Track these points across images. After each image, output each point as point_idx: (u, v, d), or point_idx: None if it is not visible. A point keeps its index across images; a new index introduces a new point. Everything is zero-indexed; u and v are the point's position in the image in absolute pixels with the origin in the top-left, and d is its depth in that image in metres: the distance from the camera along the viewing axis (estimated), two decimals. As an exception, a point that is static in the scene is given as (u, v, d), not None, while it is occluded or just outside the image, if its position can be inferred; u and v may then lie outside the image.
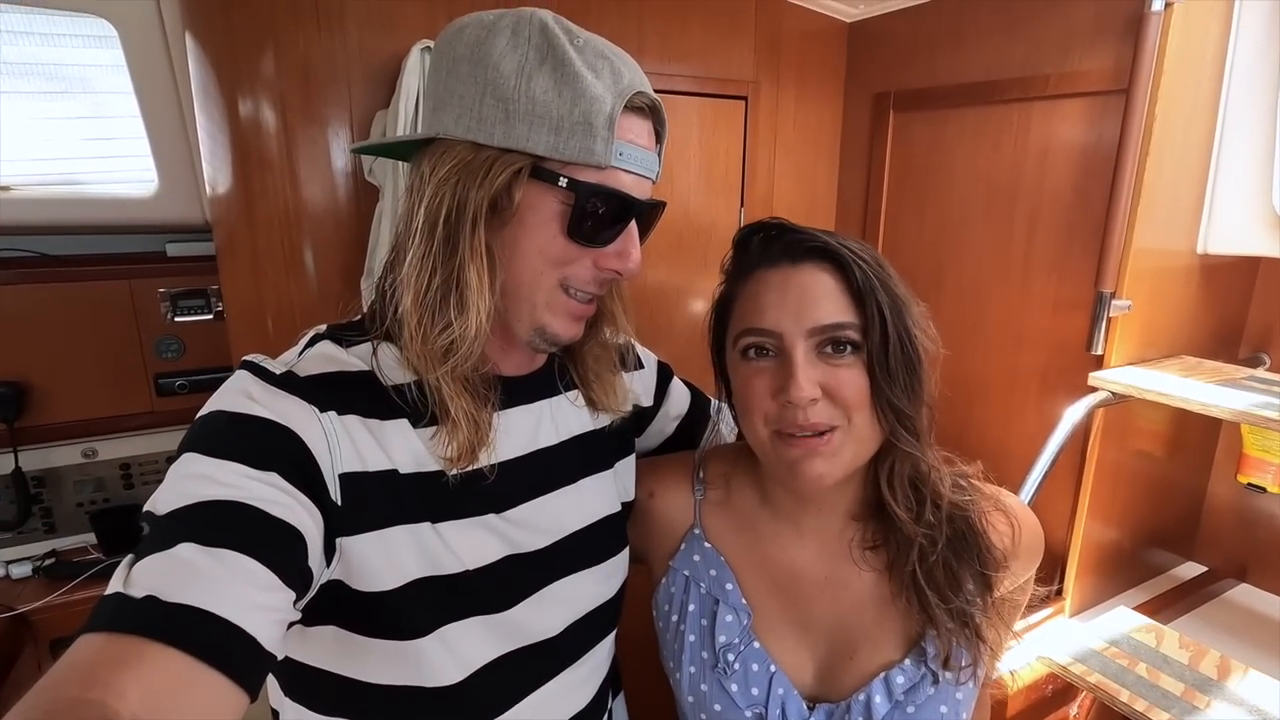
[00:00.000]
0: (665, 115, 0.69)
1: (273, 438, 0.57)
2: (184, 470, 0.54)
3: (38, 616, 1.58)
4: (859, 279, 0.65)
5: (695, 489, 0.84)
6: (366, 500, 0.61)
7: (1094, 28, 1.27)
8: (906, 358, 0.67)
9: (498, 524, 0.69)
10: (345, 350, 0.67)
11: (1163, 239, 1.30)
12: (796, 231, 0.69)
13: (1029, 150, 1.40)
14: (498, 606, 0.69)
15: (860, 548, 0.75)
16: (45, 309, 1.64)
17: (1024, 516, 0.79)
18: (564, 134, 0.61)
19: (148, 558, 0.49)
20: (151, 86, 1.44)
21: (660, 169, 0.70)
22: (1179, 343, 1.43)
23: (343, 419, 0.61)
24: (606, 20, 1.37)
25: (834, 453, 0.67)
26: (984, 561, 0.72)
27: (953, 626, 0.70)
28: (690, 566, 0.80)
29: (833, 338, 0.66)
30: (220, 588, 0.48)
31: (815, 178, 1.75)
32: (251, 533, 0.52)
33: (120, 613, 0.46)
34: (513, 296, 0.67)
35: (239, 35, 1.16)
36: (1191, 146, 1.28)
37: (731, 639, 0.75)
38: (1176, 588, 1.53)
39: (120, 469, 1.81)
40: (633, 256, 0.67)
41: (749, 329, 0.69)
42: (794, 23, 1.59)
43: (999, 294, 1.48)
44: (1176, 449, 1.54)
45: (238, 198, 1.25)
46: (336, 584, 0.61)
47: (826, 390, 0.66)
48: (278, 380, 0.60)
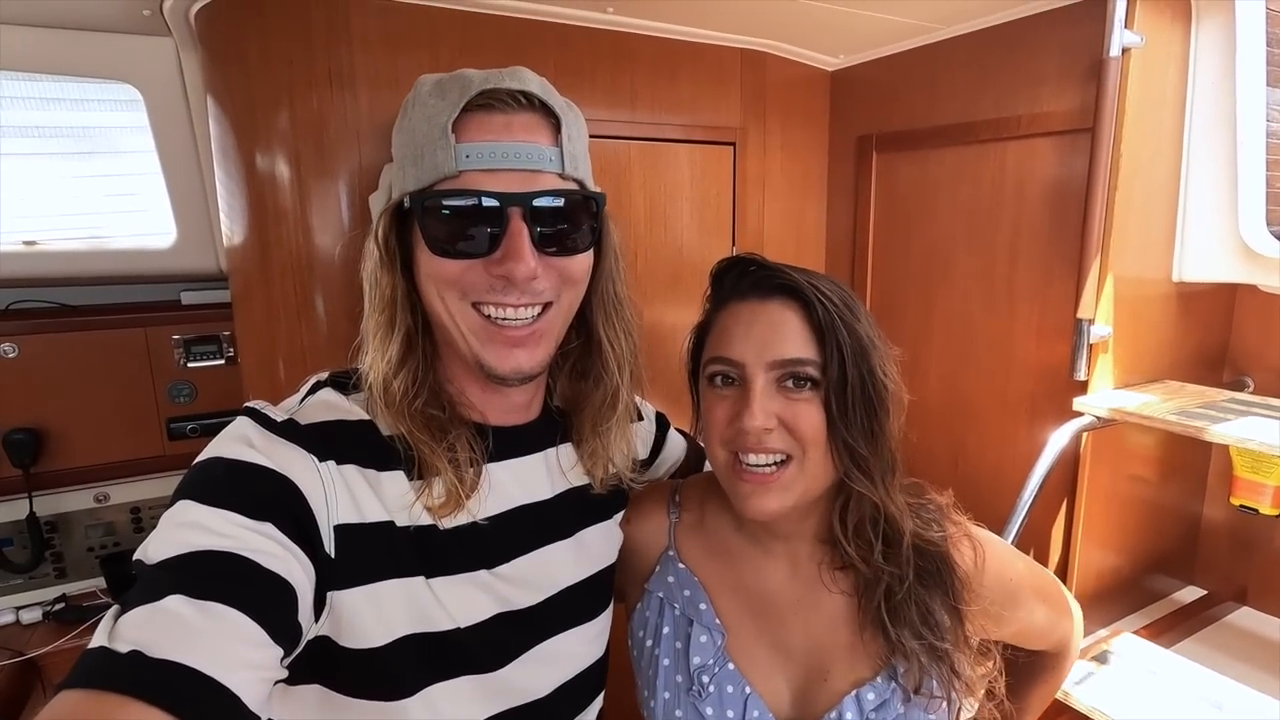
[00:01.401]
0: (552, 100, 0.64)
1: (270, 487, 0.56)
2: (178, 518, 0.52)
3: (47, 661, 1.60)
4: (821, 317, 0.67)
5: (670, 512, 0.85)
6: (360, 552, 0.60)
7: (1059, 72, 1.35)
8: (866, 398, 0.68)
9: (489, 580, 0.69)
10: (347, 398, 0.67)
11: (1138, 267, 1.35)
12: (768, 268, 0.72)
13: (1006, 186, 1.46)
14: (489, 666, 0.68)
15: (830, 569, 0.76)
16: (63, 357, 1.69)
17: (990, 541, 0.79)
18: (422, 162, 0.62)
19: (136, 609, 0.47)
20: (172, 145, 1.52)
21: (563, 156, 0.64)
22: (1162, 368, 1.47)
23: (341, 469, 0.60)
24: (600, 75, 1.46)
25: (784, 487, 0.69)
26: (956, 596, 0.72)
27: (925, 661, 0.70)
28: (664, 588, 0.81)
29: (792, 372, 0.68)
30: (207, 643, 0.47)
31: (804, 217, 1.82)
32: (243, 586, 0.50)
33: (103, 668, 0.45)
34: (442, 332, 0.68)
35: (258, 96, 1.24)
36: (1159, 179, 1.34)
37: (706, 660, 0.75)
38: (1176, 611, 1.53)
39: (131, 513, 1.83)
40: (515, 256, 0.61)
41: (716, 357, 0.72)
42: (778, 73, 1.68)
43: (986, 323, 1.53)
44: (1169, 472, 1.56)
45: (253, 247, 1.31)
46: (323, 640, 0.59)
47: (783, 421, 0.68)
48: (278, 428, 0.60)
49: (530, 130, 0.63)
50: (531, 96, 0.63)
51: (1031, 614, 0.83)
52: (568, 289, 0.68)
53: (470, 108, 0.62)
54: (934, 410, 1.63)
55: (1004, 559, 0.81)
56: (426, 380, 0.67)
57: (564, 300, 0.69)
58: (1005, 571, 0.80)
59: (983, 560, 0.76)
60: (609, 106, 1.47)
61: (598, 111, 1.46)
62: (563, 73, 1.43)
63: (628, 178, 1.49)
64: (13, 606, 1.71)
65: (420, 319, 0.68)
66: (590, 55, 1.44)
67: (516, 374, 0.66)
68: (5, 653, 1.58)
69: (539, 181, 0.63)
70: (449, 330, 0.66)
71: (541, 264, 0.64)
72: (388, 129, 1.33)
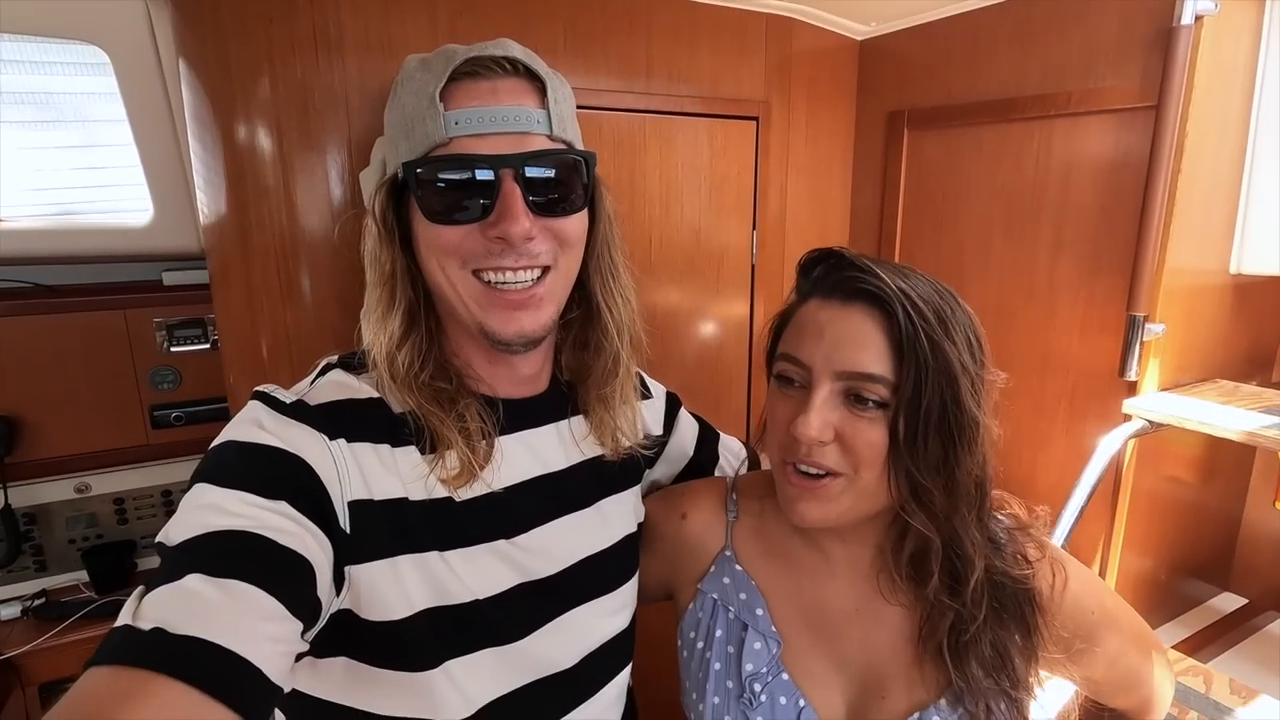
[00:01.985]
0: (536, 65, 0.65)
1: (282, 466, 0.57)
2: (195, 501, 0.55)
3: (26, 660, 1.53)
4: (904, 330, 0.60)
5: (729, 511, 0.82)
6: (374, 529, 0.61)
7: (1118, 43, 1.23)
8: (943, 429, 0.61)
9: (508, 550, 0.69)
10: (357, 377, 0.68)
11: (1195, 259, 1.25)
12: (855, 268, 0.65)
13: (1052, 168, 1.35)
14: (510, 637, 0.68)
15: (891, 579, 0.72)
16: (39, 340, 1.60)
17: (1069, 562, 0.73)
18: (413, 134, 0.64)
19: (157, 589, 0.50)
20: (145, 114, 1.40)
21: (550, 118, 0.65)
22: (1212, 366, 1.37)
23: (352, 446, 0.62)
24: (613, 42, 1.34)
25: (830, 499, 0.65)
26: (1036, 635, 0.67)
27: (992, 703, 0.65)
28: (719, 589, 0.78)
29: (858, 388, 0.62)
30: (227, 619, 0.49)
31: (829, 198, 1.70)
32: (260, 563, 0.52)
33: (127, 645, 0.46)
34: (444, 302, 0.68)
35: (235, 62, 1.12)
36: (1224, 163, 1.23)
37: (759, 668, 0.72)
38: (1216, 623, 1.46)
39: (114, 504, 1.75)
40: (509, 216, 0.62)
41: (785, 354, 0.68)
42: (805, 41, 1.55)
43: (1023, 316, 1.43)
44: (1210, 475, 1.48)
45: (232, 226, 1.20)
46: (347, 613, 0.61)
47: (840, 436, 0.63)
48: (288, 409, 0.61)
49: (516, 94, 0.64)
50: (516, 62, 0.64)
51: (1113, 656, 0.75)
52: (565, 252, 0.69)
53: (456, 76, 0.63)
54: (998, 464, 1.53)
55: (1085, 584, 0.74)
56: (431, 354, 0.68)
57: (562, 264, 0.69)
58: (1084, 600, 0.73)
59: (1063, 585, 0.70)
60: (623, 76, 1.35)
61: (610, 82, 1.34)
62: (573, 39, 1.31)
63: (642, 155, 1.38)
64: (-10, 602, 1.64)
65: (422, 293, 0.69)
66: (602, 20, 1.32)
67: (520, 338, 0.66)
68: (-19, 652, 1.50)
69: (529, 143, 0.64)
70: (451, 301, 0.67)
71: (537, 226, 0.64)
72: (380, 99, 1.22)
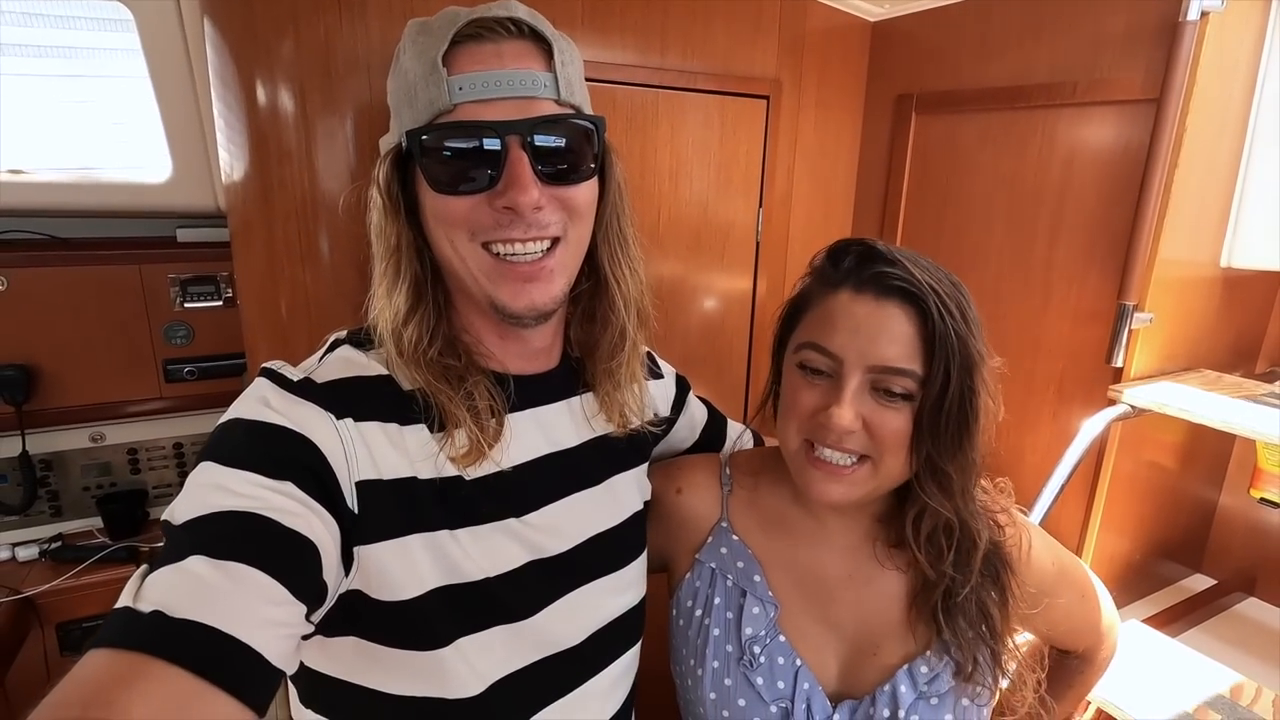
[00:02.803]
0: (542, 26, 0.62)
1: (288, 446, 0.56)
2: (200, 479, 0.54)
3: (44, 600, 1.58)
4: (938, 330, 0.64)
5: (723, 484, 0.85)
6: (383, 508, 0.60)
7: (1125, 36, 1.25)
8: (961, 414, 0.66)
9: (518, 528, 0.69)
10: (366, 354, 0.66)
11: (1187, 251, 1.29)
12: (891, 263, 0.67)
13: (1054, 157, 1.38)
14: (521, 614, 0.68)
15: (885, 545, 0.76)
16: (55, 292, 1.63)
17: (1031, 527, 0.80)
18: (416, 101, 0.61)
19: (159, 570, 0.49)
20: (167, 71, 1.41)
21: (558, 82, 0.62)
22: (1197, 355, 1.42)
23: (360, 425, 0.61)
24: (630, 16, 1.35)
25: (855, 483, 0.68)
26: (1011, 592, 0.73)
27: (975, 652, 0.71)
28: (717, 559, 0.81)
29: (888, 384, 0.65)
30: (228, 602, 0.48)
31: (833, 179, 1.73)
32: (263, 545, 0.51)
33: (127, 628, 0.46)
34: (453, 276, 0.67)
35: (259, 22, 1.14)
36: (1220, 158, 1.27)
37: (758, 631, 0.76)
38: (1185, 601, 1.53)
39: (127, 454, 1.80)
40: (518, 185, 0.60)
41: (814, 344, 0.69)
42: (818, 21, 1.57)
43: (1018, 301, 1.47)
44: (1189, 460, 1.54)
45: (254, 186, 1.23)
46: (356, 594, 0.60)
47: (867, 425, 0.66)
48: (295, 387, 0.60)
49: (522, 57, 0.61)
50: (520, 23, 0.61)
51: (1069, 607, 0.83)
52: (574, 222, 0.66)
53: (459, 39, 0.60)
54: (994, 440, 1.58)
55: (1044, 546, 0.81)
56: (440, 329, 0.67)
57: (572, 235, 0.66)
58: (1045, 561, 0.80)
59: (1028, 547, 0.76)
60: (639, 50, 1.36)
61: (626, 55, 1.35)
62: (590, 10, 1.32)
63: (654, 129, 1.40)
64: (9, 544, 1.69)
65: (429, 267, 0.67)
66: (621, -8, 1.33)
67: (531, 311, 0.65)
68: (2, 590, 1.56)
69: (535, 108, 0.61)
70: (460, 275, 0.65)
71: (545, 195, 0.62)
72: (400, 64, 1.25)
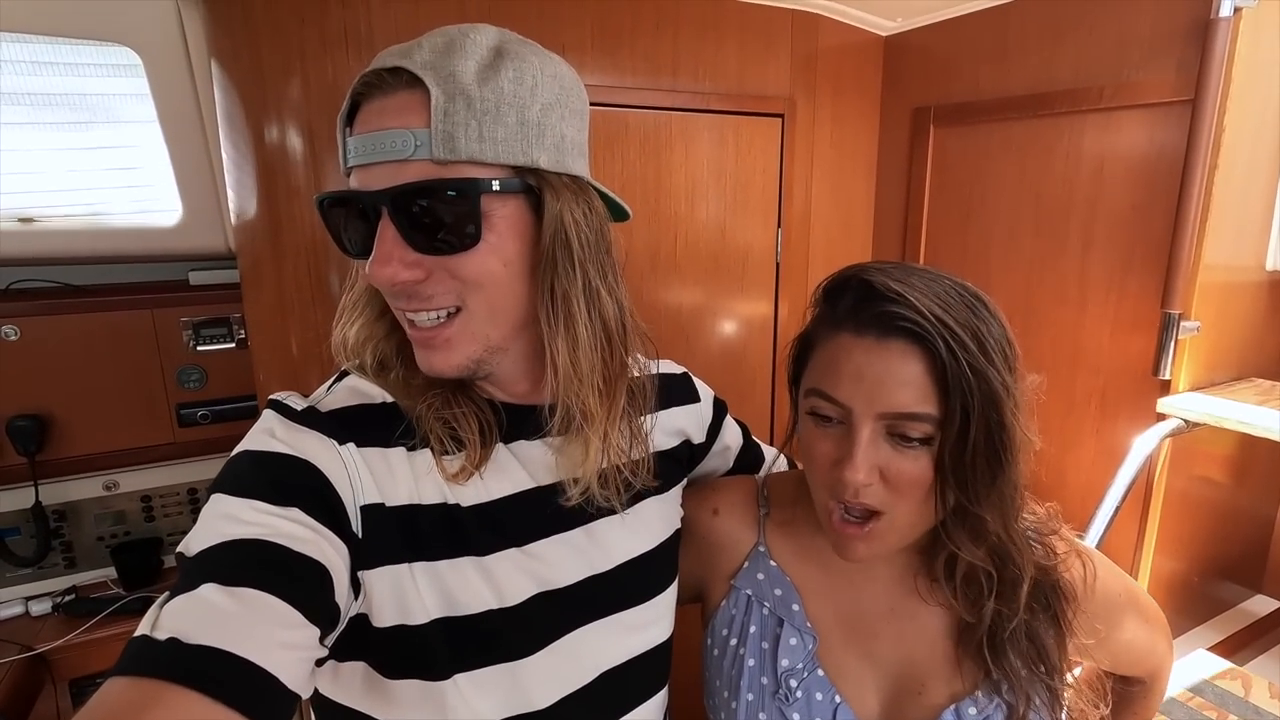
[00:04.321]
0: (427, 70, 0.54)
1: (292, 472, 0.57)
2: (211, 511, 0.55)
3: (57, 656, 1.54)
4: (950, 369, 0.58)
5: (760, 507, 0.81)
6: (386, 534, 0.60)
7: (1152, 36, 1.21)
8: (991, 451, 0.60)
9: (522, 560, 0.66)
10: (370, 382, 0.66)
11: (1231, 256, 1.23)
12: (890, 299, 0.59)
13: (1083, 164, 1.33)
14: (525, 650, 0.65)
15: (927, 579, 0.71)
16: (68, 340, 1.62)
17: (1097, 558, 0.74)
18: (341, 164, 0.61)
19: (174, 599, 0.50)
20: (176, 115, 1.41)
21: (435, 136, 0.54)
22: (1247, 364, 1.35)
23: (363, 451, 0.61)
24: (640, 40, 1.34)
25: (874, 538, 0.64)
26: (1068, 624, 0.68)
27: (1030, 691, 0.66)
28: (753, 585, 0.77)
29: (903, 430, 0.60)
30: (242, 627, 0.48)
31: (853, 196, 1.69)
32: (274, 570, 0.52)
33: (143, 656, 0.46)
34: None
35: (266, 62, 1.13)
36: (1261, 158, 1.22)
37: (795, 664, 0.72)
38: (1251, 625, 1.44)
39: (141, 501, 1.77)
40: (378, 259, 0.56)
41: (821, 391, 0.64)
42: (830, 37, 1.54)
43: (1053, 314, 1.41)
44: (1243, 475, 1.46)
45: (263, 225, 1.22)
46: (362, 619, 0.60)
47: (884, 474, 0.61)
48: (298, 416, 0.61)
49: (402, 113, 0.55)
50: (401, 71, 0.55)
51: (1133, 635, 0.77)
52: (471, 291, 0.59)
53: (357, 96, 0.57)
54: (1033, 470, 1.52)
55: (1110, 576, 0.76)
56: None
57: (473, 304, 0.60)
58: (1112, 589, 0.75)
59: (1093, 579, 0.71)
60: (649, 74, 1.34)
61: (637, 80, 1.34)
62: (600, 38, 1.31)
63: (669, 152, 1.37)
64: (21, 598, 1.66)
65: None
66: (631, 18, 1.32)
67: (436, 374, 0.63)
68: (14, 647, 1.52)
69: (404, 173, 0.55)
70: None
71: (428, 264, 0.57)
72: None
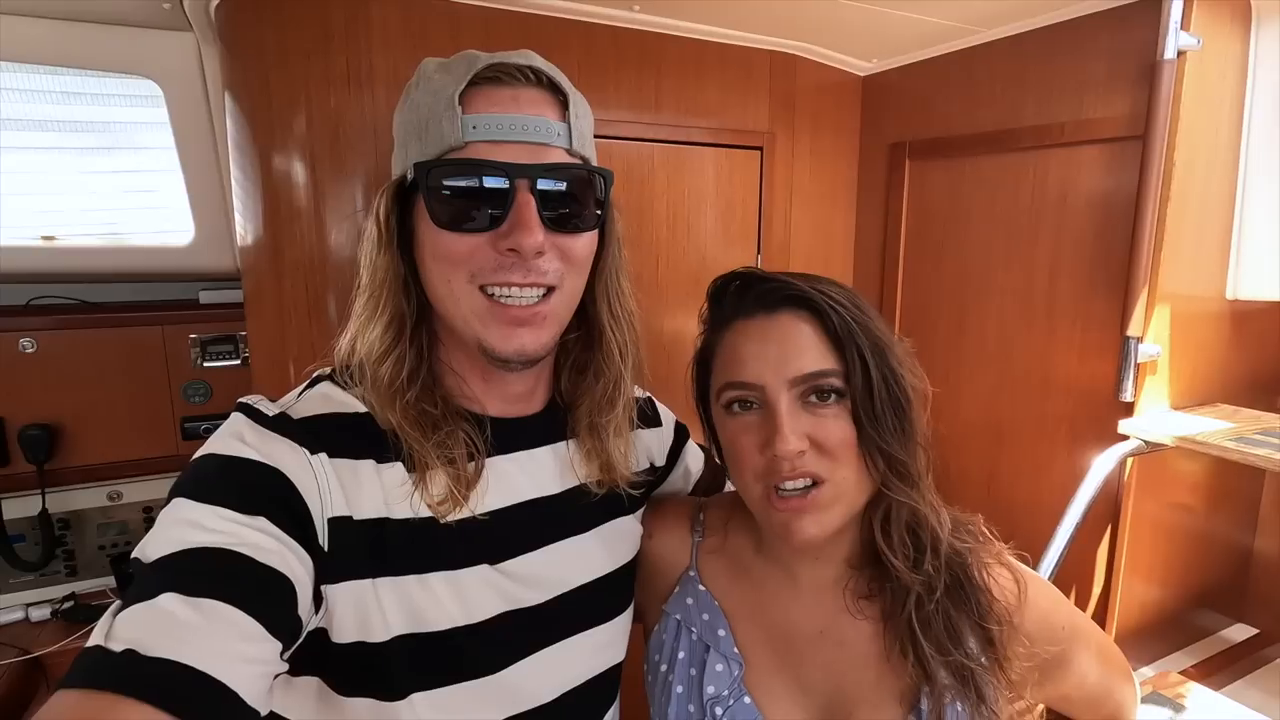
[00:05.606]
0: (559, 78, 0.63)
1: (261, 480, 0.55)
2: (173, 515, 0.53)
3: (53, 660, 1.58)
4: (837, 324, 0.64)
5: (694, 532, 0.81)
6: (353, 548, 0.59)
7: (1107, 76, 1.28)
8: (893, 399, 0.65)
9: (492, 576, 0.66)
10: (344, 391, 0.66)
11: (1190, 284, 1.28)
12: (770, 280, 0.67)
13: (1048, 197, 1.39)
14: (488, 669, 0.65)
15: (855, 596, 0.72)
16: (81, 353, 1.69)
17: (1032, 576, 0.75)
18: (426, 135, 0.61)
19: (131, 608, 0.48)
20: (192, 142, 1.51)
21: (570, 133, 0.63)
22: (1214, 390, 1.38)
23: (334, 462, 0.60)
24: (624, 75, 1.42)
25: (822, 508, 0.65)
26: (984, 615, 0.68)
27: (950, 682, 0.66)
28: (682, 610, 0.77)
29: (815, 386, 0.64)
30: (202, 640, 0.46)
31: (832, 226, 1.76)
32: (237, 581, 0.50)
33: (98, 668, 0.45)
34: (444, 315, 0.65)
35: (275, 95, 1.21)
36: (1214, 191, 1.27)
37: (720, 690, 0.72)
38: (1225, 651, 1.43)
39: (144, 512, 1.82)
40: (523, 228, 0.59)
41: (730, 382, 0.67)
42: (808, 77, 1.63)
43: (1023, 340, 1.46)
44: (1219, 502, 1.47)
45: (266, 246, 1.29)
46: (321, 633, 0.59)
47: (813, 440, 0.64)
48: (269, 422, 0.59)
49: (538, 104, 0.62)
50: (539, 72, 0.62)
51: (1084, 672, 0.77)
52: (571, 272, 0.65)
53: (478, 81, 0.60)
54: (966, 432, 1.56)
55: (1052, 600, 0.76)
56: (420, 372, 0.65)
57: (567, 285, 0.66)
58: (1053, 616, 0.74)
59: (1024, 591, 0.71)
60: (633, 108, 1.43)
61: (621, 113, 1.42)
62: (586, 72, 1.39)
63: (650, 182, 1.45)
64: (22, 604, 1.70)
65: (415, 304, 0.66)
66: (615, 54, 1.40)
67: (520, 355, 0.64)
68: (12, 650, 1.56)
69: (546, 155, 0.62)
70: (450, 314, 0.64)
71: (548, 240, 0.61)
72: (406, 128, 1.32)
